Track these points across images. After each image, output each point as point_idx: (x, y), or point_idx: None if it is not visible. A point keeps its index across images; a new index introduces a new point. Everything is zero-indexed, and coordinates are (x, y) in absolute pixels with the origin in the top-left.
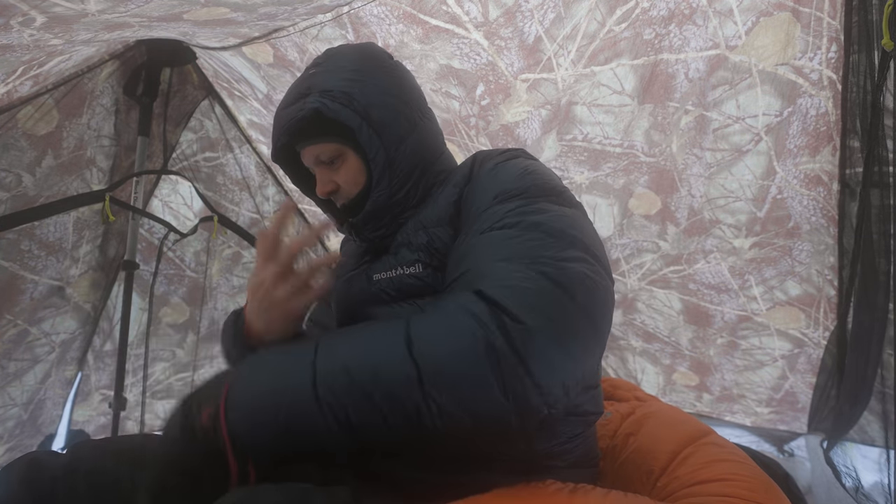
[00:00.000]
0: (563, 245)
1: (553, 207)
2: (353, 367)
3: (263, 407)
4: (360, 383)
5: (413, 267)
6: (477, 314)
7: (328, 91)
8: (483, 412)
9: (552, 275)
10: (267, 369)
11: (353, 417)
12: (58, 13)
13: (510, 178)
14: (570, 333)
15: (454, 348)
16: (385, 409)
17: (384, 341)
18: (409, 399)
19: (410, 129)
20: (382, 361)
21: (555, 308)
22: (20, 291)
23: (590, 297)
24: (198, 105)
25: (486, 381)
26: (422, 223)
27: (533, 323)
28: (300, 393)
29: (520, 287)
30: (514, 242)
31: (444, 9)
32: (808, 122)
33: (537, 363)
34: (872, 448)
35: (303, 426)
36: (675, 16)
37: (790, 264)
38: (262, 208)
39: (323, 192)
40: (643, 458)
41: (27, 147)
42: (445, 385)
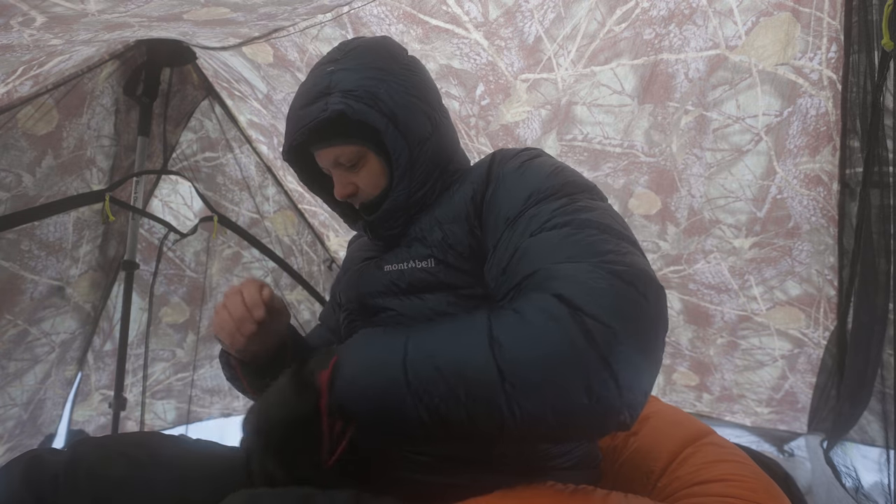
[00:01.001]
0: (617, 240)
1: (594, 204)
2: (439, 360)
3: (365, 381)
4: (446, 378)
5: (425, 262)
6: (559, 318)
7: (351, 91)
8: (567, 415)
9: (622, 273)
10: (368, 354)
11: (441, 407)
12: (58, 13)
13: (541, 178)
14: (651, 335)
15: (539, 354)
16: (469, 406)
17: (468, 339)
18: (493, 401)
19: (432, 130)
20: (467, 361)
21: (633, 310)
22: (20, 291)
23: (657, 294)
24: (198, 105)
25: (571, 385)
26: (437, 219)
27: (617, 326)
28: (394, 382)
29: (597, 288)
30: (573, 241)
31: (444, 9)
32: (808, 122)
33: (621, 366)
34: (872, 448)
35: (396, 411)
36: (675, 16)
37: (790, 264)
38: (261, 208)
39: (342, 194)
40: (643, 458)
41: (27, 147)
42: (530, 390)
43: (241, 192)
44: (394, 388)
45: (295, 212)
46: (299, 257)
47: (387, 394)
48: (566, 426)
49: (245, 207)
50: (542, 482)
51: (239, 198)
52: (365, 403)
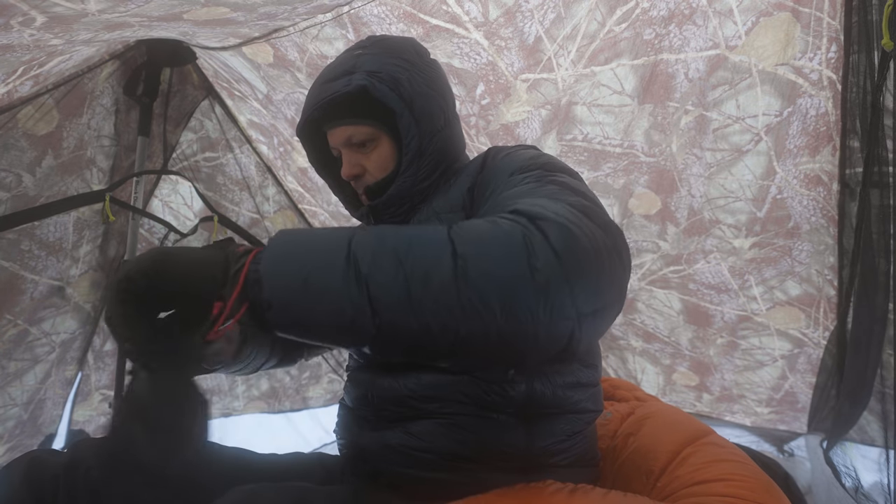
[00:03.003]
0: (580, 197)
1: (569, 178)
2: (389, 235)
3: (295, 250)
4: (392, 247)
5: None
6: (516, 220)
7: (376, 72)
8: (513, 295)
9: (577, 205)
10: (310, 230)
11: (378, 275)
12: (58, 13)
13: (525, 158)
14: (599, 250)
15: (493, 233)
16: (411, 278)
17: (426, 227)
18: (439, 270)
19: (444, 125)
20: (420, 234)
21: (585, 226)
22: (20, 291)
23: (613, 230)
24: (198, 105)
25: (520, 262)
26: (434, 211)
27: (569, 226)
28: (333, 244)
29: (552, 206)
30: (535, 191)
31: (444, 8)
32: (808, 122)
33: (571, 262)
34: (872, 448)
35: (325, 273)
36: (675, 16)
37: (790, 264)
38: (262, 208)
39: (349, 174)
40: (643, 458)
41: (27, 147)
42: (479, 261)
43: (241, 192)
44: (330, 254)
45: (295, 212)
46: None
47: (320, 260)
48: (513, 314)
49: (245, 207)
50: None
51: (239, 198)
52: (289, 271)
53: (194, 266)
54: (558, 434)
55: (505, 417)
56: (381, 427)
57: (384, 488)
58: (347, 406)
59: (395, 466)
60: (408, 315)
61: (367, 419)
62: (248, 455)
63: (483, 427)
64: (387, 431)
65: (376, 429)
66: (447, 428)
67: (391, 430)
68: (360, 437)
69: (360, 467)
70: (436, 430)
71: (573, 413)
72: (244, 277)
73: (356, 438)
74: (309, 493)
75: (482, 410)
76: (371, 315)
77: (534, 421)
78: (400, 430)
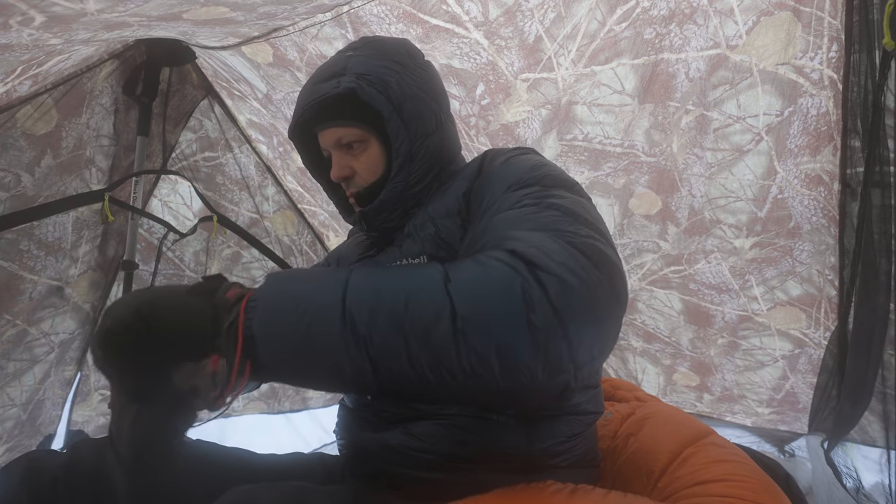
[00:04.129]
0: (580, 224)
1: (568, 195)
2: (384, 288)
3: (288, 304)
4: (390, 304)
5: (418, 259)
6: (513, 266)
7: (365, 75)
8: (512, 356)
9: (576, 244)
10: (300, 276)
11: (376, 337)
12: (57, 12)
13: (523, 170)
14: (597, 299)
15: (491, 288)
16: (410, 337)
17: (420, 274)
18: (438, 330)
19: (436, 128)
20: (416, 288)
21: (583, 271)
22: (19, 291)
23: (611, 269)
24: (197, 105)
25: (519, 321)
26: (430, 216)
27: (568, 278)
28: (328, 300)
29: (549, 248)
30: (534, 217)
31: (444, 8)
32: (809, 122)
33: (570, 317)
34: (873, 448)
35: (322, 335)
36: (675, 15)
37: (791, 264)
38: (261, 208)
39: (338, 175)
40: (644, 458)
41: (26, 147)
42: (478, 321)
43: (240, 191)
44: (325, 312)
45: (295, 212)
46: (299, 257)
47: (316, 319)
48: (511, 366)
49: (244, 207)
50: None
51: (238, 197)
52: (282, 335)
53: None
54: (559, 435)
55: (505, 419)
56: (381, 428)
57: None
58: (347, 407)
59: (395, 467)
60: (408, 371)
61: (368, 420)
62: (248, 455)
63: (483, 428)
64: (387, 432)
65: (376, 429)
66: (447, 429)
67: (391, 431)
68: (361, 438)
69: (360, 468)
70: (436, 430)
71: (574, 414)
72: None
73: (356, 439)
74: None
75: (482, 412)
76: (372, 372)
77: (534, 422)
78: (400, 430)
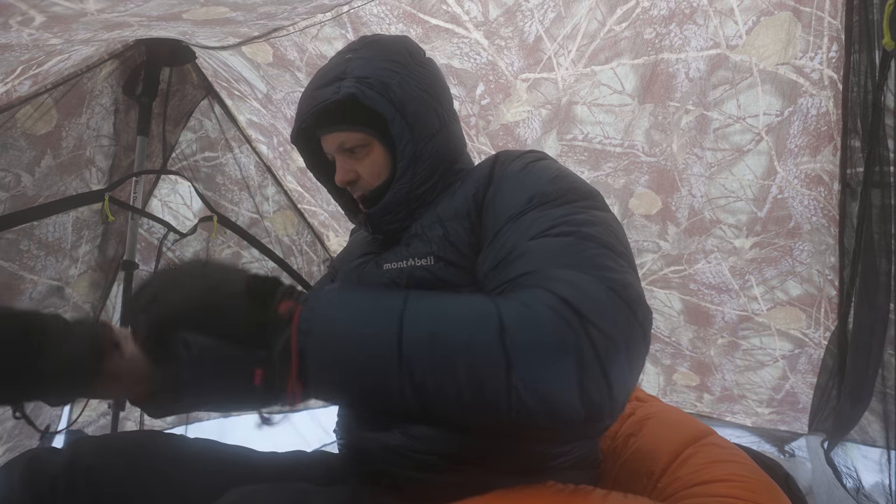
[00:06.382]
0: (617, 257)
1: (599, 215)
2: (441, 335)
3: (343, 335)
4: (448, 354)
5: (425, 259)
6: (567, 319)
7: (365, 78)
8: (560, 411)
9: (618, 291)
10: (353, 304)
11: (430, 383)
12: (57, 12)
13: (544, 181)
14: (637, 349)
15: (548, 349)
16: (464, 386)
17: (475, 318)
18: (492, 384)
19: (440, 127)
20: (474, 340)
21: (627, 325)
22: (19, 291)
23: (645, 314)
24: (197, 105)
25: (571, 384)
26: (438, 216)
27: (616, 336)
28: (383, 339)
29: (599, 300)
30: (574, 251)
31: (444, 8)
32: (809, 122)
33: (614, 374)
34: (873, 448)
35: (375, 376)
36: (675, 15)
37: (791, 264)
38: (261, 208)
39: (342, 180)
40: (644, 459)
41: (26, 147)
42: (532, 380)
43: (240, 191)
44: (380, 351)
45: (295, 212)
46: (299, 257)
47: (370, 359)
48: (557, 418)
49: (245, 207)
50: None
51: (238, 197)
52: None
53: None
54: None
55: None
56: (381, 428)
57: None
58: None
59: (395, 467)
60: (455, 414)
61: (368, 420)
62: (249, 453)
63: None
64: (387, 432)
65: (377, 430)
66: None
67: (391, 432)
68: (361, 438)
69: (361, 468)
70: (436, 431)
71: None
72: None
73: (356, 439)
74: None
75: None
76: (419, 411)
77: None
78: (400, 431)
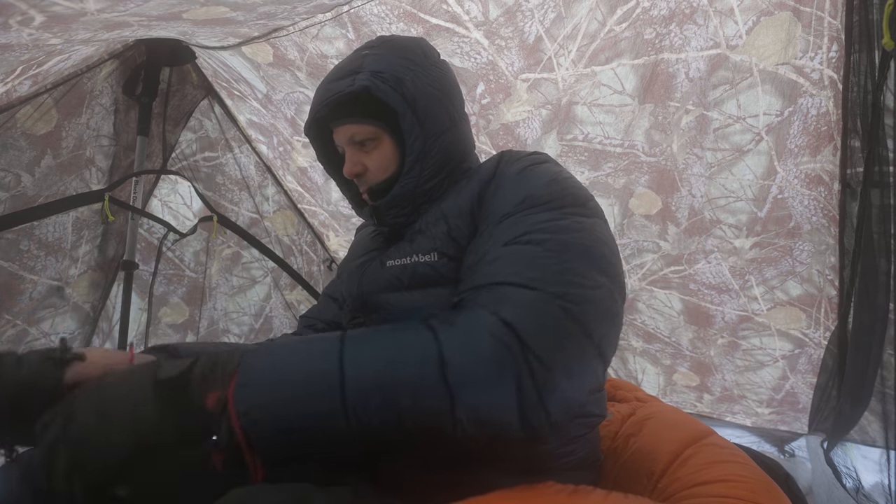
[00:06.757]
0: (587, 268)
1: (582, 222)
2: (384, 383)
3: (284, 411)
4: (392, 400)
5: (429, 255)
6: (507, 345)
7: (380, 72)
8: (500, 433)
9: (574, 312)
10: (286, 369)
11: (378, 426)
12: (57, 12)
13: (539, 184)
14: (584, 370)
15: (490, 383)
16: (408, 419)
17: (414, 356)
18: (437, 420)
19: (450, 126)
20: (415, 383)
21: (574, 349)
22: (19, 291)
23: (604, 329)
24: (197, 105)
25: (511, 413)
26: (443, 213)
27: (556, 366)
28: (326, 403)
29: (545, 325)
30: (540, 263)
31: (444, 8)
32: (809, 122)
33: (553, 399)
34: (873, 448)
35: (325, 433)
36: (675, 15)
37: (791, 264)
38: (261, 208)
39: (350, 172)
40: (644, 459)
41: (26, 147)
42: (474, 409)
43: (240, 191)
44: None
45: (294, 212)
46: (299, 257)
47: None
48: (498, 437)
49: (244, 207)
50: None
51: (238, 197)
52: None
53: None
54: (562, 437)
55: None
56: None
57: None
58: None
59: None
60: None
61: None
62: None
63: None
64: None
65: None
66: None
67: None
68: None
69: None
70: None
71: (579, 417)
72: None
73: None
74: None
75: None
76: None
77: None
78: None
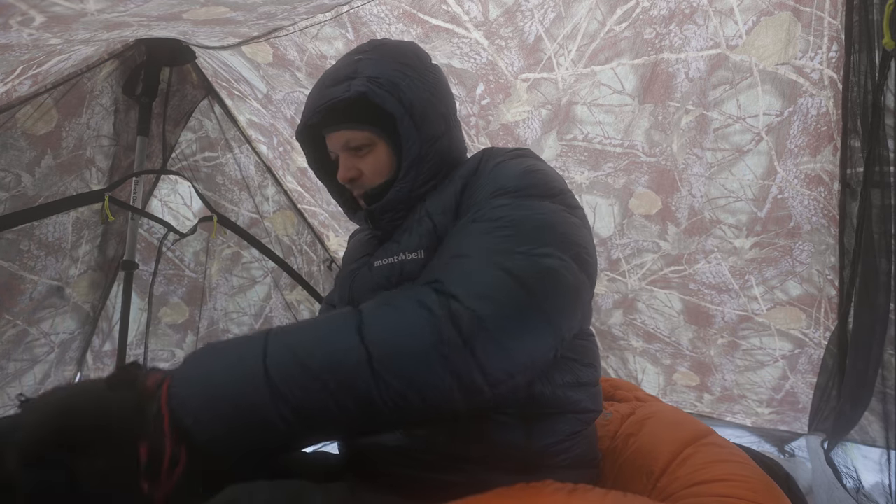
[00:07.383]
0: (537, 242)
1: (543, 205)
2: (303, 355)
3: (214, 390)
4: (313, 370)
5: (415, 253)
6: (428, 305)
7: (376, 78)
8: (429, 390)
9: (511, 269)
10: (219, 357)
11: (306, 403)
12: (57, 12)
13: (511, 176)
14: (518, 322)
15: (404, 332)
16: (337, 394)
17: (336, 329)
18: (361, 381)
19: (445, 130)
20: (335, 348)
21: (505, 297)
22: (19, 291)
23: (549, 290)
24: (197, 105)
25: (431, 360)
26: (427, 211)
27: (481, 310)
28: (250, 371)
29: (476, 281)
30: (487, 237)
31: (444, 8)
32: (809, 122)
33: (481, 346)
34: (873, 448)
35: (253, 413)
36: (675, 15)
37: (791, 264)
38: (261, 208)
39: (344, 177)
40: (644, 458)
41: (26, 147)
42: (395, 366)
43: (240, 191)
44: (251, 392)
45: (295, 212)
46: (299, 257)
47: (242, 398)
48: (431, 399)
49: (244, 207)
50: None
51: (238, 198)
52: (212, 412)
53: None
54: (558, 434)
55: (505, 418)
56: None
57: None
58: None
59: (394, 467)
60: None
61: None
62: None
63: (483, 427)
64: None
65: None
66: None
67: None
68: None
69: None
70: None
71: (573, 413)
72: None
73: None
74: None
75: (482, 411)
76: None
77: (534, 421)
78: (399, 430)
